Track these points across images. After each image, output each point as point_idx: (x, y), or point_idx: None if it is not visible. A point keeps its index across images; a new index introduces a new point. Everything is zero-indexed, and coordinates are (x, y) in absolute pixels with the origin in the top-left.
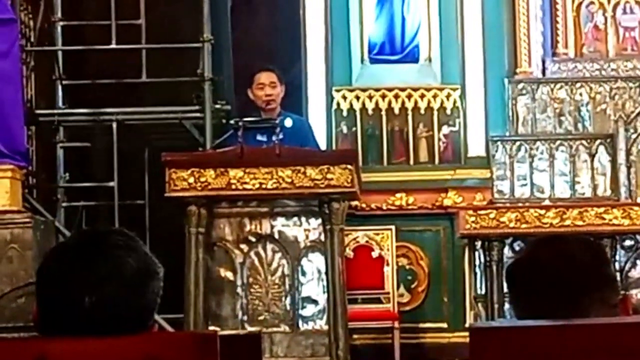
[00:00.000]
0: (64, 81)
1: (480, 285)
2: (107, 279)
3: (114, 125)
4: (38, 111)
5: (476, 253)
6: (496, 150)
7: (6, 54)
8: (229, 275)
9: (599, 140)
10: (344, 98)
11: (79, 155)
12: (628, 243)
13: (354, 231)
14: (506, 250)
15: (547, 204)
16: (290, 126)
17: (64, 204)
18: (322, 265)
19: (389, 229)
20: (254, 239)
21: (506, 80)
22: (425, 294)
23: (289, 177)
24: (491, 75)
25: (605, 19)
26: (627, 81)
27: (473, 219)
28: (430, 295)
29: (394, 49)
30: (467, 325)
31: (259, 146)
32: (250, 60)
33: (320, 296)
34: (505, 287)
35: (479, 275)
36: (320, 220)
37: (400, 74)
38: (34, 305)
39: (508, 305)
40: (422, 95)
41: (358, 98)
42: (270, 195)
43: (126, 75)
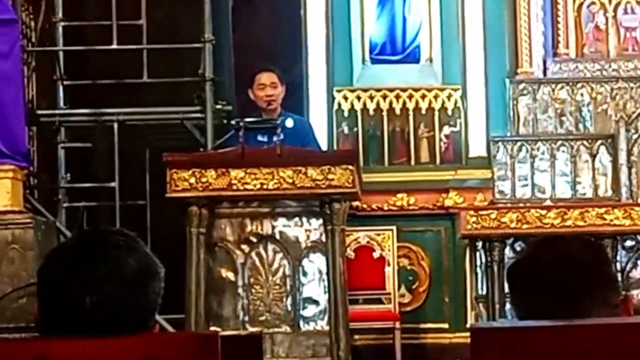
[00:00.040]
0: (65, 81)
1: (482, 286)
2: (108, 279)
3: (115, 125)
4: (39, 111)
5: (477, 253)
6: (497, 151)
7: (7, 55)
8: (230, 275)
9: (600, 141)
10: (345, 98)
11: (80, 156)
12: (629, 243)
13: (355, 231)
14: (507, 250)
15: (548, 204)
16: (291, 126)
17: (65, 204)
18: (323, 266)
19: (390, 230)
20: (255, 240)
21: (507, 80)
22: (426, 294)
23: (290, 178)
24: (492, 75)
25: (606, 19)
26: (628, 81)
27: (474, 219)
28: (431, 295)
29: (395, 49)
30: (468, 325)
31: (260, 146)
32: (251, 60)
33: (322, 297)
34: (507, 288)
35: (480, 276)
36: (321, 221)
37: (402, 74)
38: (35, 305)
39: (509, 305)
40: (423, 96)
41: (359, 98)
42: (272, 195)
43: (127, 76)
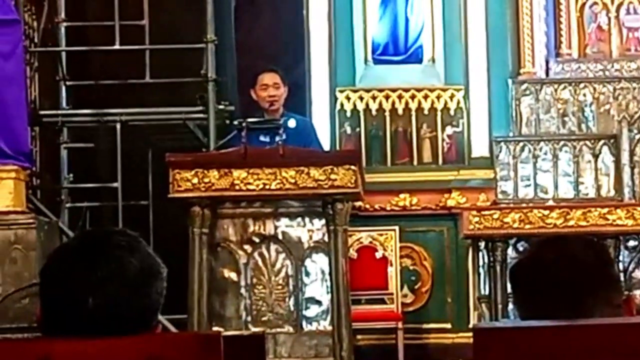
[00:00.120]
0: (68, 82)
1: (484, 286)
2: (111, 280)
3: (118, 126)
4: (42, 112)
5: (480, 253)
6: (500, 151)
7: (10, 55)
8: (233, 275)
9: (602, 141)
10: (348, 99)
11: (83, 156)
12: (632, 243)
13: (358, 232)
14: (510, 250)
15: (551, 204)
16: (294, 127)
17: (68, 204)
18: (326, 266)
19: (393, 230)
20: (257, 240)
21: (510, 80)
22: (429, 294)
23: (292, 178)
24: (495, 75)
25: (609, 19)
26: (631, 81)
27: (477, 219)
28: (434, 295)
29: (398, 49)
30: (471, 325)
31: (262, 147)
32: (254, 60)
33: (324, 297)
34: (509, 288)
35: (482, 276)
36: (324, 221)
37: (404, 74)
38: (38, 306)
39: (512, 305)
40: (426, 96)
41: (362, 99)
42: (274, 195)
43: (130, 76)
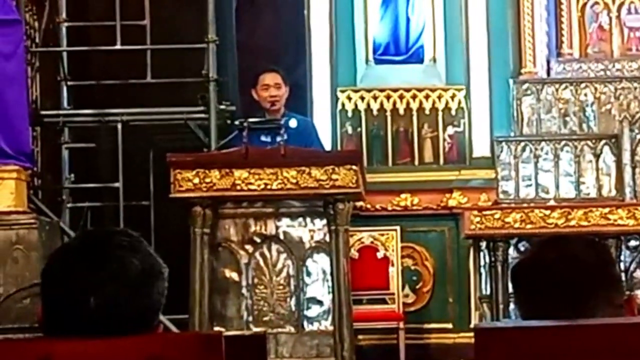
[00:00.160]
0: (69, 82)
1: (485, 286)
2: (112, 280)
3: (119, 126)
4: (43, 112)
5: (481, 253)
6: (501, 151)
7: (11, 55)
8: (234, 275)
9: (603, 141)
10: (349, 99)
11: (84, 156)
12: (633, 243)
13: (359, 232)
14: (511, 250)
15: (552, 204)
16: (295, 127)
17: (69, 204)
18: (327, 266)
19: (394, 230)
20: (259, 240)
21: (511, 80)
22: (430, 294)
23: (293, 178)
24: (496, 75)
25: (610, 19)
26: (632, 81)
27: (478, 219)
28: (435, 295)
29: (399, 49)
30: (472, 325)
31: (263, 147)
32: (255, 60)
33: (325, 297)
34: (510, 288)
35: (484, 276)
36: (325, 221)
37: (405, 74)
38: (39, 306)
39: (513, 305)
40: (427, 96)
41: (363, 99)
42: (275, 195)
43: (131, 76)
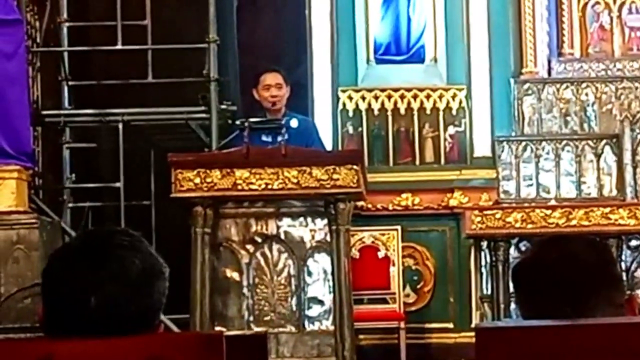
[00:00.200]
0: (70, 82)
1: (486, 286)
2: (112, 280)
3: (120, 125)
4: (44, 112)
5: (482, 253)
6: (502, 151)
7: (12, 55)
8: (235, 275)
9: (604, 140)
10: (350, 98)
11: (85, 156)
12: (634, 243)
13: (360, 231)
14: (512, 250)
15: (553, 204)
16: (296, 126)
17: (70, 204)
18: (328, 266)
19: (395, 229)
20: (260, 240)
21: (512, 80)
22: (431, 294)
23: (294, 178)
24: (497, 75)
25: (611, 19)
26: (633, 81)
27: (479, 219)
28: (436, 295)
29: (400, 49)
30: (473, 325)
31: (264, 147)
32: (256, 60)
33: (326, 296)
34: (511, 287)
35: (485, 276)
36: (326, 221)
37: (406, 74)
38: (40, 306)
39: (514, 305)
40: (428, 96)
41: (364, 98)
42: (276, 195)
43: (132, 76)
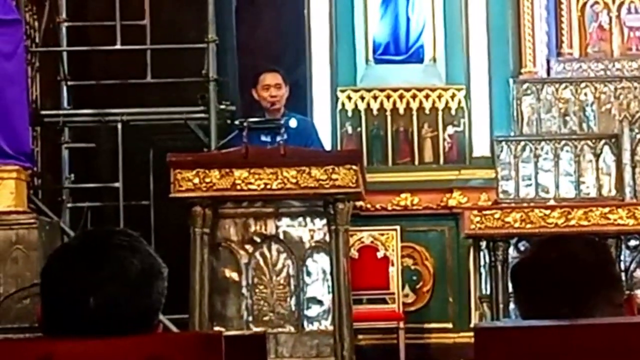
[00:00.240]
0: (69, 82)
1: (485, 286)
2: (112, 280)
3: (119, 125)
4: (43, 112)
5: (481, 253)
6: (501, 151)
7: (11, 55)
8: (234, 275)
9: (603, 140)
10: (349, 98)
11: (84, 156)
12: (633, 243)
13: (359, 231)
14: (511, 250)
15: (552, 204)
16: (295, 126)
17: (69, 204)
18: (327, 266)
19: (394, 229)
20: (259, 240)
21: (511, 80)
22: (430, 294)
23: (293, 178)
24: (496, 75)
25: (610, 18)
26: (632, 81)
27: (478, 219)
28: (435, 295)
29: (399, 49)
30: (472, 325)
31: (263, 147)
32: (255, 60)
33: (326, 296)
34: (510, 287)
35: (484, 276)
36: (325, 221)
37: (405, 74)
38: (39, 306)
39: (513, 305)
40: (427, 96)
41: (363, 98)
42: (275, 195)
43: (131, 76)
